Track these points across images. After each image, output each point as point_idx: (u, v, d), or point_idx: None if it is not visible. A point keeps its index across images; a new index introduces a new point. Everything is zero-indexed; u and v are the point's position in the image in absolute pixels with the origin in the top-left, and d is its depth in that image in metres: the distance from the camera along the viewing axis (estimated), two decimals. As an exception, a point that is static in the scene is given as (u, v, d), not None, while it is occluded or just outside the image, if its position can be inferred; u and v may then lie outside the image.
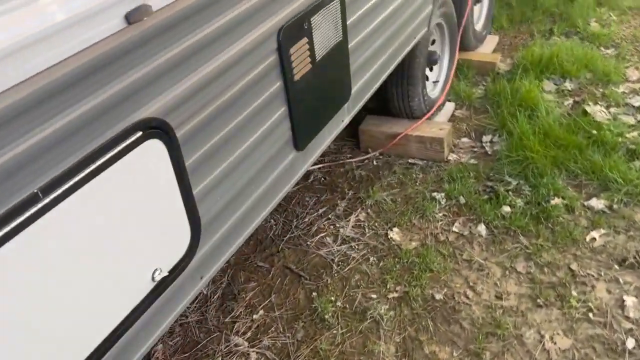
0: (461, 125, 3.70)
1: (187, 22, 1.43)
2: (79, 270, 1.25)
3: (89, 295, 1.29)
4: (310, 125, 2.11)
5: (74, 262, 1.23)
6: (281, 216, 3.16)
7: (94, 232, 1.27)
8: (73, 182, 1.19)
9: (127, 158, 1.32)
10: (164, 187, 1.45)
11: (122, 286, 1.41)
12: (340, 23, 2.15)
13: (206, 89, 1.54)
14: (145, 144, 1.37)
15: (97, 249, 1.28)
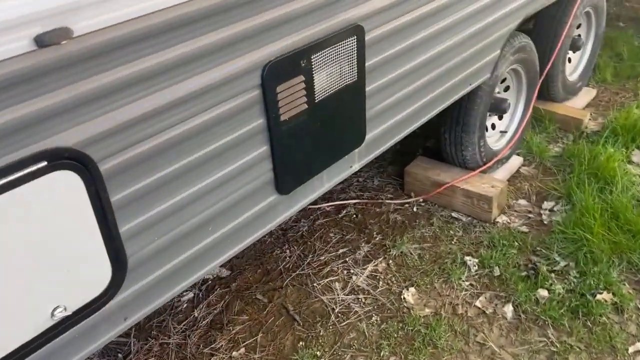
0: (523, 184, 3.31)
1: (125, 50, 1.30)
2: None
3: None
4: (301, 168, 1.91)
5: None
6: (298, 248, 2.98)
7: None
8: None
9: (25, 188, 1.22)
10: (76, 221, 1.34)
11: (16, 319, 1.32)
12: (355, 64, 1.93)
13: (145, 124, 1.41)
14: (53, 175, 1.26)
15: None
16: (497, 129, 3.34)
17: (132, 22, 1.31)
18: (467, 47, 2.46)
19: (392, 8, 1.97)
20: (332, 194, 3.38)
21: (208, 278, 2.85)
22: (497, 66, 2.85)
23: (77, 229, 1.35)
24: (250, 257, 2.95)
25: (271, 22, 1.61)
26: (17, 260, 1.26)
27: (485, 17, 2.49)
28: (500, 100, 3.13)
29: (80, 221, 1.35)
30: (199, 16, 1.43)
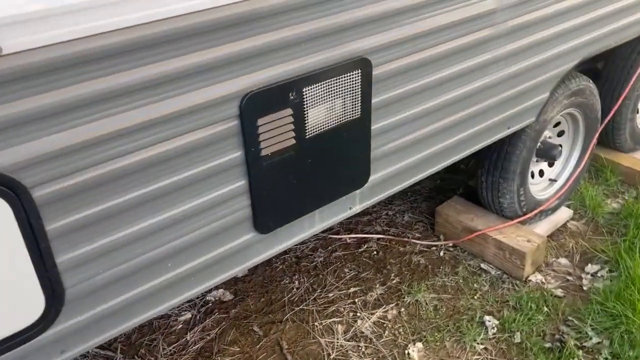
0: (568, 241, 2.98)
1: (67, 72, 1.20)
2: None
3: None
4: (286, 207, 1.75)
5: None
6: (308, 280, 2.82)
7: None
8: None
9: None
10: (4, 249, 1.25)
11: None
12: (359, 100, 1.75)
13: (91, 150, 1.30)
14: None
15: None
16: (545, 176, 3.02)
17: (80, 41, 1.20)
18: (503, 89, 2.21)
19: (405, 43, 1.77)
20: (357, 224, 3.19)
21: (209, 300, 2.74)
22: (546, 110, 2.56)
23: (5, 257, 1.26)
24: (256, 283, 2.82)
25: (252, 50, 1.46)
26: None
27: (526, 59, 2.22)
28: (550, 146, 2.82)
29: (8, 249, 1.25)
30: (159, 39, 1.31)
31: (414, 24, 1.76)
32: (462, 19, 1.89)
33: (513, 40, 2.11)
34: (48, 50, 1.15)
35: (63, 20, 1.16)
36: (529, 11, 2.10)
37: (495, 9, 1.98)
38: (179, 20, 1.32)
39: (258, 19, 1.44)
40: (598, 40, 2.53)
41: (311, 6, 1.52)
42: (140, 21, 1.26)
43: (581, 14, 2.33)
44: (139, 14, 1.27)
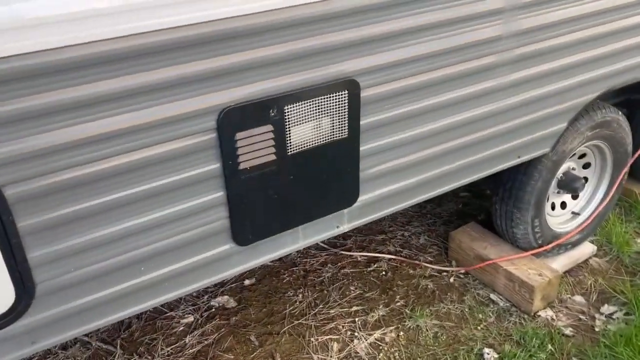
0: (587, 278, 2.85)
1: (43, 78, 1.27)
2: None
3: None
4: (266, 221, 1.77)
5: None
6: (312, 295, 2.82)
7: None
8: None
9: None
10: (-27, 241, 1.33)
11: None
12: (346, 120, 1.75)
13: (66, 153, 1.37)
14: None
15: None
16: (568, 209, 2.91)
17: (64, 49, 1.27)
18: (510, 117, 2.15)
19: (396, 66, 1.76)
20: (370, 243, 3.17)
21: (213, 305, 2.79)
22: (564, 140, 2.47)
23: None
24: (261, 293, 2.85)
25: (231, 66, 1.50)
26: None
27: (537, 88, 2.15)
28: (572, 178, 2.72)
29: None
30: (140, 51, 1.36)
31: (405, 48, 1.75)
32: (461, 45, 1.86)
33: (520, 68, 2.05)
34: (25, 58, 1.23)
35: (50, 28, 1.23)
36: (538, 40, 2.04)
37: (499, 36, 1.94)
38: (161, 33, 1.37)
39: (237, 36, 1.47)
40: (624, 72, 2.42)
41: (294, 26, 1.54)
42: (125, 33, 1.32)
43: (599, 46, 2.24)
44: (125, 26, 1.33)
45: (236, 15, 1.44)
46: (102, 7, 1.28)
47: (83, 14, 1.27)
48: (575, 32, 2.12)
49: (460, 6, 1.80)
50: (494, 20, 1.90)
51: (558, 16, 2.05)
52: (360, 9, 1.61)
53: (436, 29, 1.78)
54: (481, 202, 3.48)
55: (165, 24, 1.37)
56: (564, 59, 2.16)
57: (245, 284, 2.91)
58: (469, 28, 1.86)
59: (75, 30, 1.28)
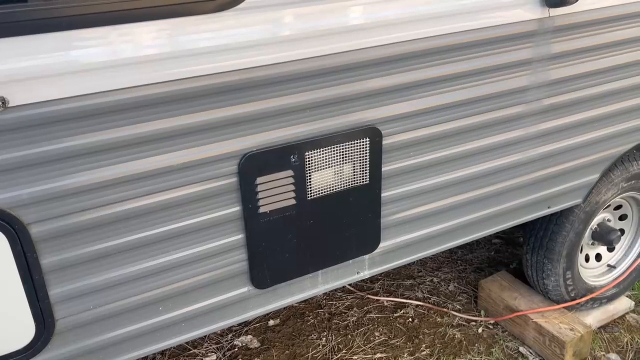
0: (623, 335, 2.73)
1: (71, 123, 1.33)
2: None
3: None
4: (285, 265, 1.78)
5: None
6: (336, 339, 2.79)
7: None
8: None
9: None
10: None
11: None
12: (367, 167, 1.76)
13: (91, 194, 1.42)
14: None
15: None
16: (603, 261, 2.81)
17: (96, 95, 1.34)
18: (539, 167, 2.11)
19: (419, 115, 1.76)
20: (398, 288, 3.13)
21: (236, 345, 2.79)
22: (598, 191, 2.41)
23: (0, 286, 1.39)
24: (285, 335, 2.83)
25: (253, 113, 1.53)
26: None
27: (567, 138, 2.12)
28: (607, 230, 2.63)
29: (3, 278, 1.39)
30: (166, 98, 1.41)
31: (428, 97, 1.76)
32: (486, 95, 1.86)
33: (549, 119, 2.03)
34: (56, 103, 1.29)
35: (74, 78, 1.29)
36: (567, 91, 2.01)
37: (526, 87, 1.93)
38: (187, 82, 1.43)
39: (260, 85, 1.51)
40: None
41: (316, 76, 1.57)
42: (152, 81, 1.38)
43: (632, 97, 2.19)
44: (152, 75, 1.39)
45: (259, 66, 1.49)
46: (126, 57, 1.34)
47: (115, 62, 1.33)
48: (607, 83, 2.09)
49: (486, 57, 1.80)
50: (521, 70, 1.89)
51: (588, 67, 2.02)
52: (383, 59, 1.64)
53: (460, 79, 1.79)
54: (513, 249, 3.40)
55: (191, 73, 1.42)
56: (594, 110, 2.13)
57: (269, 325, 2.90)
58: (496, 78, 1.85)
59: (103, 78, 1.34)
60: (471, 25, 1.74)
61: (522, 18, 1.82)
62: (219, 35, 1.43)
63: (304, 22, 1.51)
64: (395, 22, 1.62)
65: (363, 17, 1.59)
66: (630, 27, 2.05)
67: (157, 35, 1.37)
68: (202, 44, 1.42)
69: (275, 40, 1.49)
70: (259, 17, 1.46)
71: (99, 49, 1.31)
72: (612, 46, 2.04)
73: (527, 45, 1.86)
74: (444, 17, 1.69)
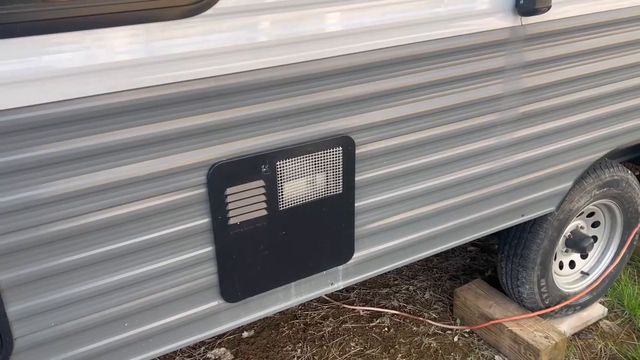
0: (597, 342, 2.74)
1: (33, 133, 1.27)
2: None
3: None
4: (257, 277, 1.73)
5: None
6: (311, 350, 2.74)
7: None
8: None
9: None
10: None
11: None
12: (340, 176, 1.73)
13: (48, 207, 1.36)
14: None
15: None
16: (577, 268, 2.82)
17: (59, 103, 1.28)
18: (513, 175, 2.11)
19: (392, 124, 1.74)
20: (374, 297, 3.10)
21: (209, 358, 2.73)
22: (571, 199, 2.42)
23: (-46, 301, 1.32)
24: (259, 347, 2.78)
25: (221, 123, 1.49)
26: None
27: (540, 147, 2.12)
28: (581, 237, 2.65)
29: (-43, 294, 1.32)
30: (132, 107, 1.37)
31: (401, 106, 1.74)
32: (459, 104, 1.85)
33: (522, 127, 2.03)
34: (13, 113, 1.24)
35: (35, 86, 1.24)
36: (540, 99, 2.01)
37: (499, 95, 1.92)
38: (154, 90, 1.38)
39: (230, 93, 1.47)
40: (631, 131, 2.37)
41: (287, 84, 1.54)
42: (117, 89, 1.33)
43: (604, 105, 2.21)
44: (117, 82, 1.34)
45: (228, 73, 1.45)
46: (93, 63, 1.29)
47: (79, 70, 1.28)
48: (579, 91, 2.10)
49: (459, 65, 1.79)
50: (494, 79, 1.89)
51: (560, 75, 2.03)
52: (354, 67, 1.61)
53: (433, 87, 1.77)
54: (489, 257, 3.40)
55: (159, 81, 1.38)
56: (567, 118, 2.13)
57: (243, 336, 2.85)
58: (469, 87, 1.84)
59: (66, 86, 1.28)
60: (444, 33, 1.72)
61: (495, 26, 1.81)
62: (186, 42, 1.39)
63: (273, 30, 1.48)
64: (367, 30, 1.60)
65: (334, 25, 1.56)
66: (601, 36, 2.06)
67: (123, 42, 1.32)
68: (169, 51, 1.37)
69: (245, 48, 1.45)
70: (227, 24, 1.42)
71: (61, 55, 1.26)
72: (584, 55, 2.05)
73: (500, 53, 1.86)
74: (417, 25, 1.67)
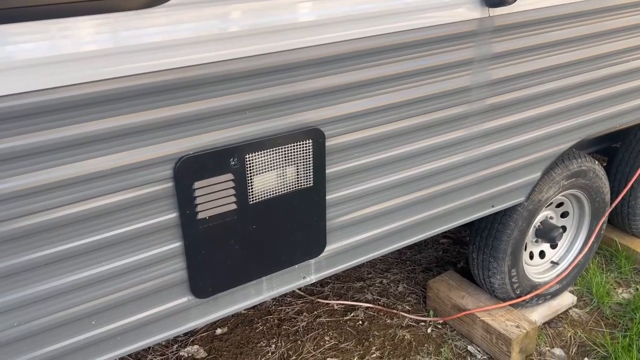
0: (567, 330, 2.78)
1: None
2: None
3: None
4: (227, 272, 1.71)
5: None
6: (286, 345, 2.73)
7: None
8: None
9: None
10: None
11: None
12: (310, 169, 1.72)
13: (9, 203, 1.32)
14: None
15: None
16: (547, 258, 2.86)
17: (16, 96, 1.24)
18: (482, 167, 2.12)
19: (362, 116, 1.74)
20: (347, 290, 3.10)
21: (182, 356, 2.70)
22: (540, 190, 2.44)
23: None
24: (233, 343, 2.76)
25: (188, 115, 1.47)
26: None
27: (508, 138, 2.14)
28: (549, 227, 2.68)
29: None
30: (95, 99, 1.33)
31: (372, 97, 1.73)
32: (428, 95, 1.85)
33: (491, 118, 2.04)
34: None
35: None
36: (508, 90, 2.03)
37: (468, 87, 1.93)
38: (117, 81, 1.34)
39: (195, 85, 1.45)
40: (598, 121, 2.41)
41: (254, 76, 1.52)
42: (79, 80, 1.29)
43: (571, 96, 2.24)
44: (80, 74, 1.30)
45: (195, 64, 1.42)
46: (52, 54, 1.26)
47: (37, 61, 1.24)
48: (546, 82, 2.12)
49: (428, 57, 1.79)
50: (463, 70, 1.89)
51: (528, 67, 2.05)
52: (323, 59, 1.60)
53: (402, 79, 1.77)
54: (461, 249, 3.43)
55: (122, 72, 1.35)
56: (535, 109, 2.15)
57: (217, 333, 2.82)
58: (438, 78, 1.84)
59: (24, 77, 1.24)
60: (412, 24, 1.72)
61: (463, 18, 1.82)
62: (149, 32, 1.36)
63: (240, 20, 1.46)
64: (335, 21, 1.59)
65: (302, 15, 1.54)
66: (568, 27, 2.08)
67: (85, 33, 1.29)
68: (132, 42, 1.34)
69: (211, 38, 1.42)
70: (192, 14, 1.40)
71: (22, 45, 1.22)
72: (551, 46, 2.07)
73: (468, 45, 1.86)
74: (385, 16, 1.67)
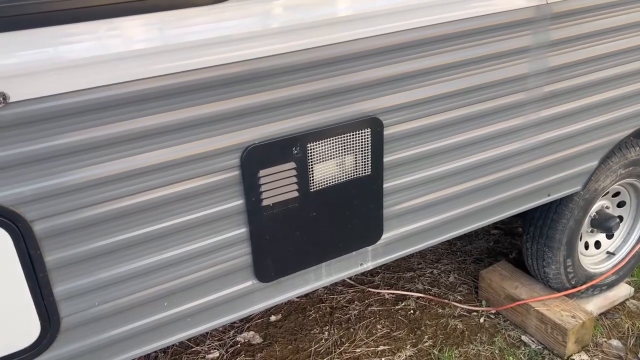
0: (624, 322, 2.74)
1: (71, 119, 1.32)
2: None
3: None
4: (289, 258, 1.77)
5: None
6: (338, 332, 2.79)
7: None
8: None
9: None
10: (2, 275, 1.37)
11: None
12: (369, 158, 1.76)
13: (95, 189, 1.41)
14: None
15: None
16: (603, 249, 2.82)
17: (95, 90, 1.32)
18: (539, 155, 2.12)
19: (420, 105, 1.76)
20: (398, 280, 3.13)
21: (239, 341, 2.78)
22: (596, 179, 2.42)
23: (4, 284, 1.38)
24: (287, 330, 2.83)
25: (254, 106, 1.53)
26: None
27: (566, 126, 2.12)
28: (606, 217, 2.65)
29: (7, 276, 1.37)
30: (167, 92, 1.40)
31: (428, 87, 1.76)
32: (487, 83, 1.86)
33: (547, 106, 2.03)
34: (56, 99, 1.28)
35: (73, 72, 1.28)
36: (566, 78, 2.02)
37: (525, 74, 1.93)
38: (188, 74, 1.41)
39: (261, 77, 1.50)
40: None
41: (317, 67, 1.57)
42: (153, 74, 1.37)
43: (629, 84, 2.20)
44: (153, 68, 1.37)
45: (261, 57, 1.48)
46: (129, 49, 1.33)
47: (112, 56, 1.32)
48: (604, 70, 2.10)
49: (485, 45, 1.80)
50: (520, 58, 1.89)
51: (585, 54, 2.03)
52: (382, 49, 1.63)
53: (459, 68, 1.79)
54: (512, 239, 3.41)
55: (192, 66, 1.42)
56: (592, 97, 2.13)
57: (271, 320, 2.90)
58: (495, 66, 1.85)
59: (103, 72, 1.33)
60: (469, 13, 1.74)
61: (520, 5, 1.82)
62: (219, 27, 1.42)
63: (304, 12, 1.50)
64: (393, 11, 1.62)
65: (362, 7, 1.58)
66: (627, 13, 2.05)
67: (157, 28, 1.36)
68: (202, 36, 1.41)
69: (276, 31, 1.48)
70: (258, 8, 1.45)
71: (92, 43, 1.30)
72: (609, 32, 2.05)
73: (525, 32, 1.86)
74: (442, 5, 1.69)
